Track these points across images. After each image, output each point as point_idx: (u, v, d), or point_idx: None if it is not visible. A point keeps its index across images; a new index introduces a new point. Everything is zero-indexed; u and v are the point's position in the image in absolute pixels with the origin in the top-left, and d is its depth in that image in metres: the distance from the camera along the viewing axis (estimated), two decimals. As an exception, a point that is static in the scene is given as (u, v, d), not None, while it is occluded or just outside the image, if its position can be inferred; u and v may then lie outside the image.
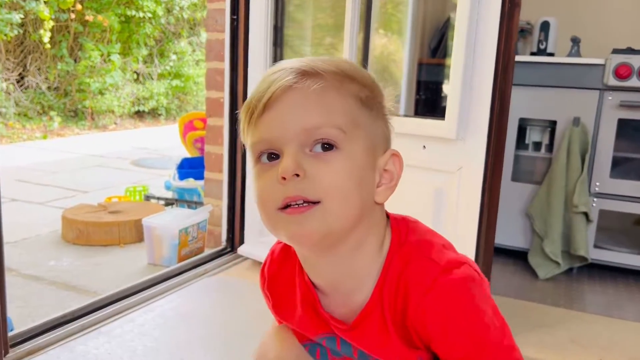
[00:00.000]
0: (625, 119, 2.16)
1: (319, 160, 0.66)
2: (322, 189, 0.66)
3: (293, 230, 0.67)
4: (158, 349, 1.47)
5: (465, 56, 1.53)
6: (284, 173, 0.65)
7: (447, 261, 0.70)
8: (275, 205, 0.67)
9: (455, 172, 1.59)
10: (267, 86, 0.68)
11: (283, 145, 0.67)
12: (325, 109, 0.67)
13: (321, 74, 0.68)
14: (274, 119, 0.67)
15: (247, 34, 2.02)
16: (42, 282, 1.95)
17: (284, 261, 0.84)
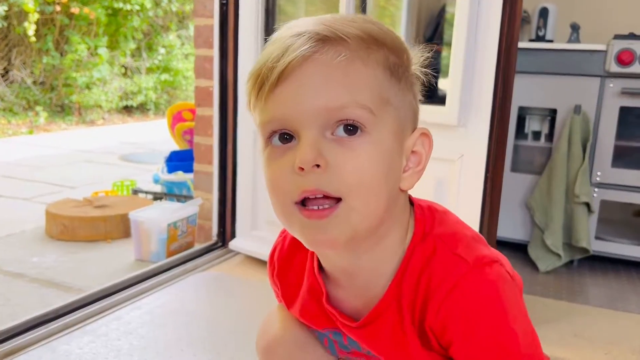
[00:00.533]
0: (627, 107, 2.10)
1: (343, 147, 0.57)
2: (346, 183, 0.57)
3: (313, 237, 0.59)
4: (145, 347, 1.40)
5: (467, 40, 1.47)
6: (302, 163, 0.56)
7: (476, 258, 0.62)
8: (290, 198, 0.58)
9: (456, 160, 1.53)
10: (280, 52, 0.57)
11: (300, 126, 0.57)
12: (351, 84, 0.57)
13: (346, 41, 0.57)
14: (289, 94, 0.57)
15: (237, 19, 1.94)
16: (25, 279, 1.86)
17: (295, 249, 0.76)
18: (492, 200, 1.51)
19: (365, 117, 0.57)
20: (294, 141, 0.59)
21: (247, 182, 2.03)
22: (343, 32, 0.58)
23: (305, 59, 0.57)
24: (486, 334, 0.60)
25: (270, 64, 0.58)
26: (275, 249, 0.80)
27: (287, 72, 0.57)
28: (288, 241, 0.78)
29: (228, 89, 2.01)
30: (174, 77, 7.83)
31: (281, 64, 0.57)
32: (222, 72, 2.01)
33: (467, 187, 1.52)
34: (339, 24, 0.59)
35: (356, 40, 0.58)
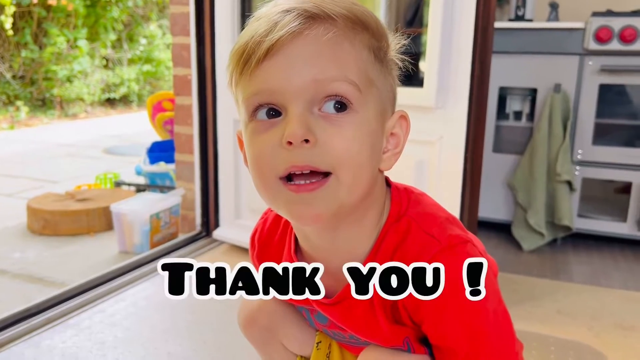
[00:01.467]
0: (607, 84, 2.11)
1: (331, 124, 0.57)
2: (335, 158, 0.57)
3: (300, 211, 0.59)
4: (130, 339, 1.39)
5: (443, 21, 1.46)
6: (291, 137, 0.55)
7: (448, 237, 0.63)
8: (275, 172, 0.58)
9: (435, 141, 1.53)
10: (269, 28, 0.57)
11: (288, 101, 0.57)
12: (340, 60, 0.57)
13: (334, 19, 0.58)
14: (277, 67, 0.57)
15: (212, 6, 1.92)
16: (6, 276, 1.84)
17: (275, 230, 0.77)
18: (472, 181, 1.51)
19: (353, 94, 0.58)
20: (280, 117, 0.58)
21: (229, 171, 2.01)
22: (331, 11, 0.58)
23: (295, 35, 0.57)
24: (456, 311, 0.61)
25: (258, 39, 0.57)
26: (256, 231, 0.81)
27: (276, 47, 0.57)
28: (268, 223, 0.79)
29: (206, 76, 1.99)
30: (156, 68, 7.74)
31: (269, 39, 0.56)
32: (199, 59, 1.99)
33: (447, 168, 1.52)
34: (326, 3, 0.59)
35: (343, 20, 0.58)
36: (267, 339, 0.84)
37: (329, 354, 0.82)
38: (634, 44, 1.99)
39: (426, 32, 1.69)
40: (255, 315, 0.83)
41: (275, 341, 0.84)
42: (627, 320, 1.58)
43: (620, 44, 2.01)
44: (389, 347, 0.70)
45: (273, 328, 0.83)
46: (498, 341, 0.63)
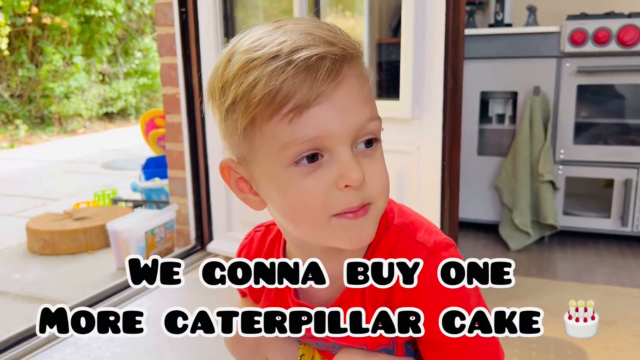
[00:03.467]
0: (585, 85, 2.16)
1: (369, 160, 0.63)
2: (376, 191, 0.63)
3: (353, 234, 0.64)
4: (126, 354, 1.45)
5: (415, 34, 1.52)
6: (354, 182, 0.60)
7: (434, 242, 0.69)
8: (330, 212, 0.62)
9: (414, 151, 1.58)
10: (302, 73, 0.58)
11: (333, 145, 0.60)
12: (367, 99, 0.62)
13: (356, 58, 0.62)
14: (326, 113, 0.59)
15: (197, 27, 1.98)
16: (7, 297, 1.91)
17: (260, 250, 0.82)
18: (451, 187, 1.57)
19: (379, 129, 0.64)
20: (322, 159, 0.61)
21: (220, 185, 2.07)
22: (352, 49, 0.62)
23: (337, 83, 0.59)
24: (443, 307, 0.67)
25: (297, 88, 0.58)
26: (242, 250, 0.85)
27: (321, 96, 0.59)
28: (255, 244, 0.83)
29: (194, 95, 2.06)
30: (153, 80, 7.81)
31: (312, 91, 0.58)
32: (187, 79, 2.05)
33: (426, 176, 1.57)
34: (343, 39, 0.62)
35: (356, 57, 0.63)
36: (252, 354, 0.89)
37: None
38: (607, 45, 2.04)
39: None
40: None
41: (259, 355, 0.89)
42: (607, 315, 1.63)
43: (594, 45, 2.06)
44: (375, 348, 0.75)
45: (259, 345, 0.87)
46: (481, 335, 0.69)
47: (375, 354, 0.75)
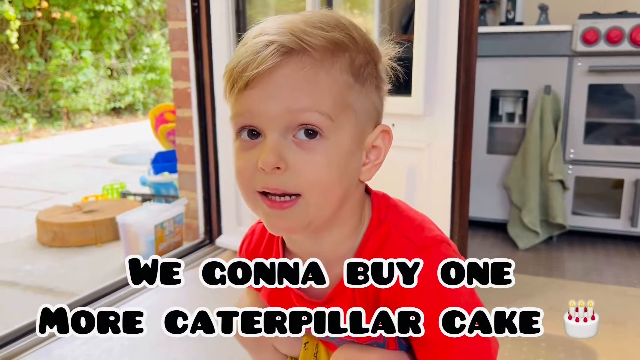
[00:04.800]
0: (596, 84, 2.15)
1: (302, 150, 0.63)
2: (303, 183, 0.64)
3: (273, 223, 0.67)
4: (136, 347, 1.46)
5: (428, 31, 1.52)
6: (264, 165, 0.63)
7: (423, 239, 0.69)
8: (254, 187, 0.66)
9: (425, 148, 1.58)
10: (250, 56, 0.63)
11: (265, 127, 0.64)
12: (314, 91, 0.63)
13: (310, 52, 0.63)
14: (257, 96, 0.63)
15: (209, 21, 1.98)
16: (18, 288, 1.92)
17: (261, 240, 0.83)
18: (461, 185, 1.56)
19: (324, 123, 0.63)
20: (261, 138, 0.65)
21: (230, 180, 2.08)
22: (309, 44, 0.63)
23: (272, 70, 0.62)
24: (431, 305, 0.67)
25: (240, 68, 0.63)
26: (244, 242, 0.88)
27: (254, 80, 0.63)
28: (256, 235, 0.85)
29: (205, 89, 2.06)
30: (160, 76, 7.84)
31: (247, 74, 0.62)
32: (198, 73, 2.05)
33: (436, 173, 1.57)
34: (306, 34, 0.63)
35: (321, 51, 0.63)
36: (259, 343, 0.90)
37: (317, 353, 0.88)
38: (620, 44, 2.03)
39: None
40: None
41: (266, 344, 0.90)
42: (617, 315, 1.63)
43: (607, 44, 2.05)
44: (367, 341, 0.76)
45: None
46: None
47: (372, 348, 0.76)
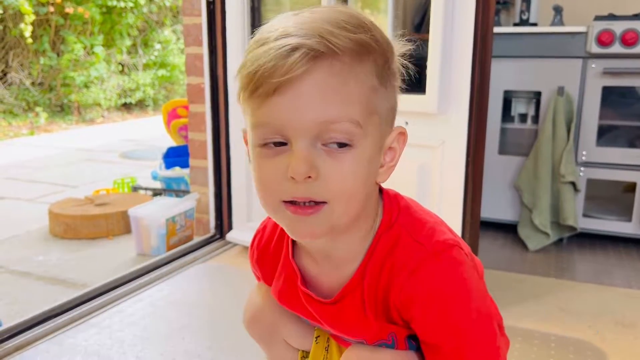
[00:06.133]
0: (610, 87, 2.15)
1: (332, 159, 0.62)
2: (331, 192, 0.63)
3: (297, 228, 0.66)
4: (147, 337, 1.47)
5: (443, 29, 1.52)
6: (295, 175, 0.61)
7: (434, 243, 0.68)
8: (280, 197, 0.64)
9: (438, 146, 1.58)
10: (275, 63, 0.59)
11: (293, 136, 0.61)
12: (345, 100, 0.61)
13: (339, 55, 0.60)
14: (285, 105, 0.60)
15: (224, 17, 1.99)
16: (31, 278, 1.94)
17: (272, 237, 0.84)
18: (474, 184, 1.56)
19: (354, 132, 0.62)
20: (286, 146, 0.63)
21: (241, 176, 2.09)
22: (337, 47, 0.60)
23: (301, 77, 0.59)
24: (441, 311, 0.67)
25: (266, 73, 0.60)
26: (255, 238, 0.88)
27: (283, 86, 0.60)
28: (267, 231, 0.85)
29: (219, 85, 2.07)
30: (171, 72, 7.87)
31: (276, 80, 0.59)
32: (212, 69, 2.07)
33: (449, 172, 1.57)
34: (334, 36, 0.60)
35: (349, 54, 0.61)
36: (270, 336, 0.91)
37: (328, 347, 0.89)
38: (635, 47, 2.02)
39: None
40: (259, 314, 0.89)
41: (278, 338, 0.91)
42: (628, 317, 1.62)
43: (622, 47, 2.04)
44: (374, 342, 0.76)
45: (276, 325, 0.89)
46: (480, 337, 0.69)
47: (382, 349, 0.76)
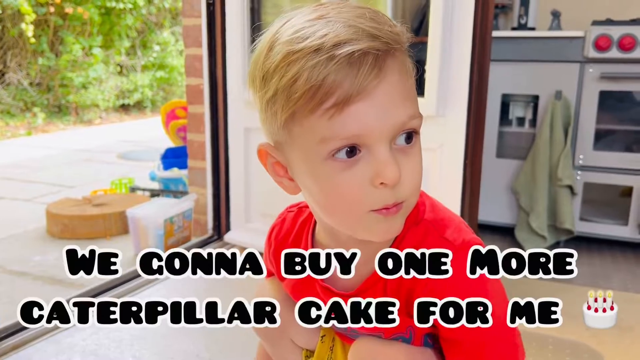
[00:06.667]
0: (607, 91, 2.16)
1: (406, 157, 0.63)
2: (410, 190, 0.64)
3: (383, 229, 0.66)
4: (144, 337, 1.47)
5: (442, 32, 1.52)
6: (389, 180, 0.60)
7: (462, 242, 0.69)
8: (368, 207, 0.63)
9: (436, 149, 1.59)
10: (343, 68, 0.58)
11: (372, 141, 0.60)
12: (411, 95, 0.62)
13: (394, 54, 0.60)
14: (366, 112, 0.59)
15: (224, 18, 2.00)
16: (28, 278, 1.94)
17: (291, 230, 0.83)
18: (472, 186, 1.57)
19: (419, 125, 0.64)
20: (360, 154, 0.61)
21: (240, 177, 2.09)
22: (391, 45, 0.60)
23: (379, 81, 0.59)
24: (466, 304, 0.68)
25: (337, 83, 0.58)
26: (273, 229, 0.87)
27: (359, 95, 0.58)
28: (286, 224, 0.85)
29: (218, 86, 2.08)
30: (170, 74, 7.87)
31: (352, 88, 0.58)
32: (211, 70, 2.07)
33: (447, 174, 1.58)
34: (381, 33, 0.60)
35: (398, 49, 0.62)
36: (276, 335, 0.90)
37: (332, 347, 0.89)
38: (632, 52, 2.04)
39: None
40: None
41: (284, 336, 0.90)
42: (625, 321, 1.63)
43: (619, 51, 2.06)
44: (391, 335, 0.76)
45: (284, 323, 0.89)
46: (501, 333, 0.70)
47: (392, 342, 0.75)
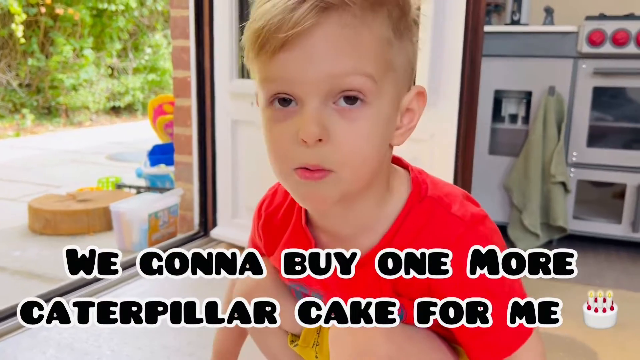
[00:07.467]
0: (600, 87, 2.13)
1: (344, 119, 0.59)
2: (342, 157, 0.59)
3: (307, 194, 0.63)
4: (125, 331, 1.42)
5: (434, 20, 1.49)
6: (306, 137, 0.58)
7: (471, 216, 0.67)
8: (291, 164, 0.61)
9: (427, 139, 1.55)
10: (283, 17, 0.57)
11: (304, 93, 0.59)
12: (357, 52, 0.58)
13: (349, 7, 0.57)
14: (293, 60, 0.58)
15: (212, 9, 1.96)
16: (6, 272, 1.88)
17: (282, 202, 0.80)
18: (463, 178, 1.54)
19: (367, 87, 0.59)
20: (296, 107, 0.60)
21: (227, 171, 2.04)
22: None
23: (311, 28, 0.57)
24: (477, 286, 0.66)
25: (273, 28, 0.57)
26: (263, 201, 0.84)
27: (291, 40, 0.57)
28: (278, 197, 0.82)
29: (205, 78, 2.03)
30: (161, 77, 7.81)
31: (283, 35, 0.57)
32: (199, 61, 2.03)
33: (439, 165, 1.54)
34: None
35: (361, 5, 0.58)
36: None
37: (319, 330, 0.84)
38: (626, 46, 2.01)
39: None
40: (252, 293, 0.84)
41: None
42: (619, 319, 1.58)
43: (612, 46, 2.03)
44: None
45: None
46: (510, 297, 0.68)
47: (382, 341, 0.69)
